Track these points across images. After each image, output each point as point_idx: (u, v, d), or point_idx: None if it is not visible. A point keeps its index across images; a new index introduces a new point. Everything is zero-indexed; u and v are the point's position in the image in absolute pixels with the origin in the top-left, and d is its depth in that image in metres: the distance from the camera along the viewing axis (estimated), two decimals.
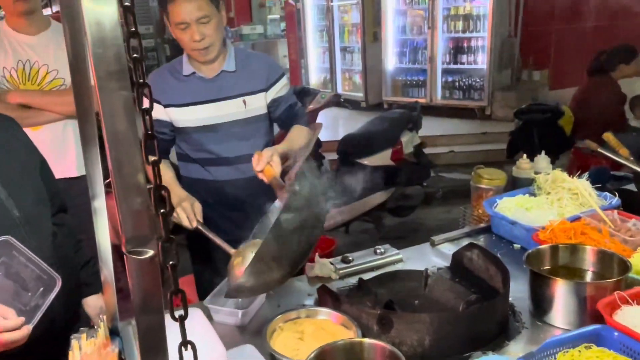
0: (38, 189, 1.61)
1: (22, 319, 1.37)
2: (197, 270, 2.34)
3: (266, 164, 1.80)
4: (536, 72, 8.03)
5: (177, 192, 2.02)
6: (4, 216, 1.47)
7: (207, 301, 1.68)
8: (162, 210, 0.60)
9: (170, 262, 0.59)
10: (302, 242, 1.47)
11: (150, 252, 0.70)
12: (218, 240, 1.75)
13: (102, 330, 1.48)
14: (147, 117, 0.59)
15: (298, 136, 2.17)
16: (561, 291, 1.52)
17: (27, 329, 1.37)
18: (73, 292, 1.64)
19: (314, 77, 10.01)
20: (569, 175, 2.20)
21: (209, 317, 1.66)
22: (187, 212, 1.88)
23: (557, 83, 7.65)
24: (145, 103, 0.64)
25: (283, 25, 9.56)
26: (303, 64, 9.74)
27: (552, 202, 2.14)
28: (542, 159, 2.42)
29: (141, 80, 0.57)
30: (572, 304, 1.51)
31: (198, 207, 1.92)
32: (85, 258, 1.77)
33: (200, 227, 1.85)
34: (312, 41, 9.83)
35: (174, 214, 1.93)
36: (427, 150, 5.15)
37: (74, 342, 1.43)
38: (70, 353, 1.41)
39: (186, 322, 1.32)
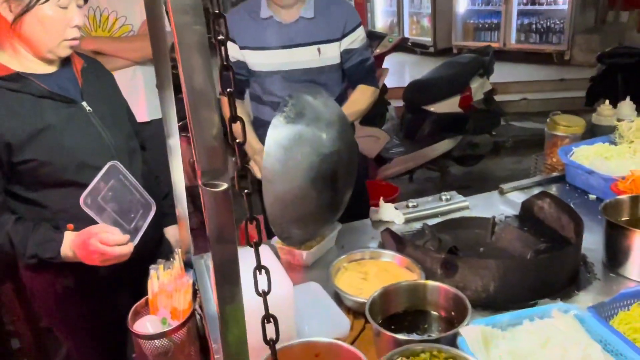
0: (127, 126, 1.77)
1: (128, 236, 1.55)
2: (266, 211, 2.42)
3: None
4: (624, 13, 7.35)
5: (252, 144, 2.07)
6: (104, 148, 1.62)
7: (274, 240, 1.74)
8: (237, 141, 0.61)
9: (245, 191, 0.61)
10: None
11: (224, 185, 0.72)
12: None
13: (177, 262, 1.57)
14: (222, 48, 0.60)
15: (358, 100, 2.13)
16: (639, 243, 1.45)
17: (131, 247, 1.54)
18: (158, 220, 1.78)
19: (381, 20, 9.69)
20: None
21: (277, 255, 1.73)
22: (260, 165, 1.94)
23: None
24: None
25: None
26: (369, 7, 9.44)
27: (634, 151, 2.01)
28: (626, 105, 2.25)
29: (217, 11, 0.57)
30: None
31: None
32: (165, 191, 1.90)
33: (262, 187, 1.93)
34: None
35: (250, 164, 2.01)
36: (498, 98, 4.92)
37: (152, 272, 1.53)
38: (149, 282, 1.51)
39: (255, 257, 1.38)
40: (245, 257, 1.37)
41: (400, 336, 1.13)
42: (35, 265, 1.57)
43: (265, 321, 0.68)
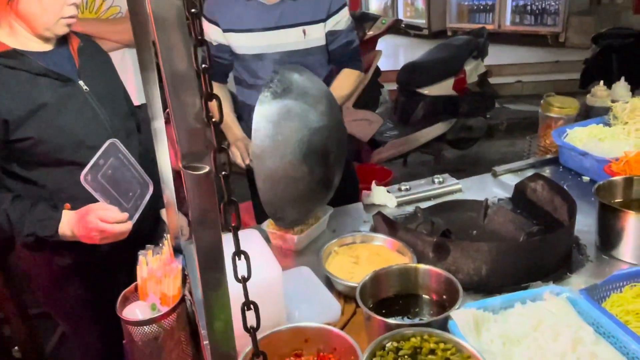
0: (124, 106, 1.77)
1: (127, 214, 1.54)
2: (255, 197, 2.39)
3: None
4: None
5: (234, 131, 2.05)
6: (101, 128, 1.60)
7: (265, 225, 1.72)
8: (213, 120, 0.58)
9: (223, 173, 0.59)
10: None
11: (206, 168, 0.70)
12: None
13: (166, 248, 1.55)
14: (197, 22, 0.57)
15: (343, 85, 2.09)
16: (632, 225, 1.44)
17: (130, 225, 1.54)
18: (155, 201, 1.77)
19: (375, 2, 9.58)
20: None
21: (267, 240, 1.71)
22: (241, 151, 1.94)
23: None
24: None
25: None
26: None
27: (629, 132, 1.99)
28: (621, 86, 2.23)
29: None
30: None
31: (247, 152, 1.96)
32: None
33: (252, 165, 1.91)
34: None
35: (230, 152, 1.99)
36: (492, 80, 4.89)
37: (141, 258, 1.51)
38: (137, 267, 1.49)
39: (243, 242, 1.36)
40: (231, 243, 1.36)
41: (391, 320, 1.12)
42: (32, 244, 1.57)
43: (245, 308, 0.65)
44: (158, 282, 1.47)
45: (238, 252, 0.62)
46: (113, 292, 1.50)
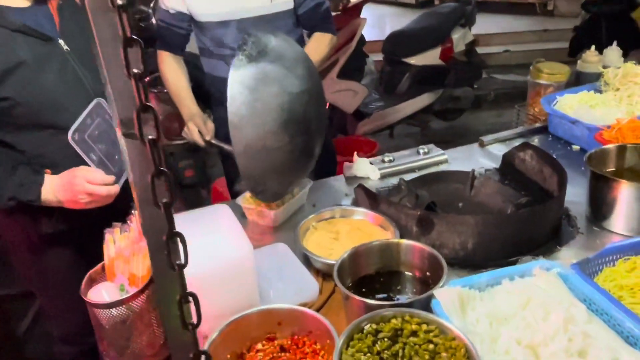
0: None
1: (113, 177, 1.49)
2: (228, 171, 2.29)
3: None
4: None
5: (188, 106, 1.92)
6: (82, 90, 1.54)
7: (240, 200, 1.62)
8: (150, 137, 0.48)
9: (149, 137, 0.49)
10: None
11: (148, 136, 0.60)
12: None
13: (134, 225, 1.46)
14: (125, 17, 0.47)
15: (315, 50, 1.95)
16: (625, 194, 1.37)
17: (117, 188, 1.50)
18: None
19: None
20: None
21: (243, 217, 1.62)
22: (199, 127, 1.84)
23: None
24: None
25: None
26: None
27: (620, 99, 1.92)
28: (613, 51, 2.15)
29: None
30: (637, 208, 1.36)
31: (210, 125, 1.87)
32: None
33: (213, 142, 1.82)
34: None
35: (185, 129, 1.89)
36: (479, 50, 4.77)
37: (107, 236, 1.42)
38: (104, 246, 1.40)
39: (211, 219, 1.27)
40: (201, 219, 1.26)
41: (370, 301, 1.04)
42: (12, 211, 1.52)
43: (182, 301, 0.56)
44: (126, 261, 1.38)
45: (171, 234, 0.52)
46: (93, 264, 1.43)
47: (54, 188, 1.45)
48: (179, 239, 0.51)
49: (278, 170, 1.47)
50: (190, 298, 0.54)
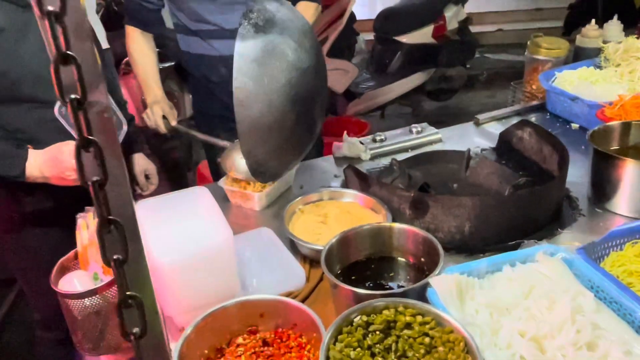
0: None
1: None
2: (209, 155, 2.19)
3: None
4: None
5: (153, 90, 1.80)
6: None
7: (222, 182, 1.53)
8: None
9: (71, 96, 0.38)
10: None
11: (102, 104, 0.50)
12: (202, 136, 1.68)
13: None
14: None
15: None
16: (630, 174, 1.29)
17: None
18: (126, 144, 1.67)
19: None
20: None
21: (225, 200, 1.53)
22: (165, 112, 1.73)
23: None
24: None
25: None
26: None
27: (622, 74, 1.84)
28: (614, 25, 2.06)
29: None
30: None
31: (173, 113, 1.76)
32: (129, 117, 1.73)
33: (180, 128, 1.74)
34: None
35: (146, 113, 1.78)
36: (472, 29, 4.66)
37: (80, 222, 1.32)
38: (76, 233, 1.30)
39: (189, 202, 1.18)
40: (177, 203, 1.17)
41: (360, 290, 0.96)
42: None
43: (122, 306, 0.46)
44: None
45: (104, 222, 0.42)
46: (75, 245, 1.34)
47: (39, 163, 1.37)
48: (114, 227, 0.41)
49: (282, 149, 1.36)
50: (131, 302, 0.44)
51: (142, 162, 1.81)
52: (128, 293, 0.44)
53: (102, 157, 0.39)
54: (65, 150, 1.35)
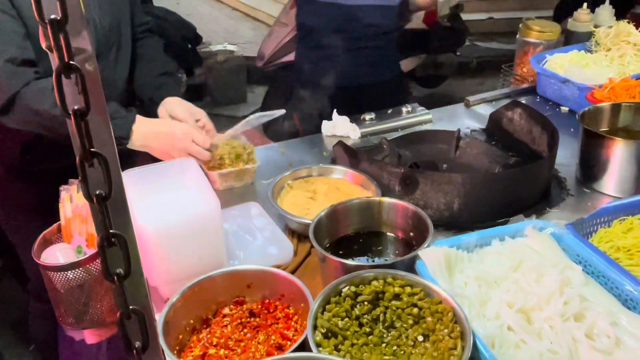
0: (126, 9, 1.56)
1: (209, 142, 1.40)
2: None
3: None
4: None
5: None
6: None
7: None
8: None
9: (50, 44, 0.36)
10: None
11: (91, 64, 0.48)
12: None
13: None
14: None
15: None
16: (619, 154, 1.29)
17: (209, 155, 1.40)
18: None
19: None
20: None
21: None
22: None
23: None
24: None
25: None
26: None
27: (612, 58, 1.84)
28: (605, 10, 2.06)
29: None
30: (631, 169, 1.29)
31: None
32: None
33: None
34: None
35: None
36: (463, 16, 4.64)
37: (63, 194, 1.29)
38: (60, 205, 1.27)
39: (177, 173, 1.15)
40: (165, 173, 1.15)
41: (349, 261, 0.95)
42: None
43: (124, 318, 0.43)
44: (84, 221, 1.26)
45: (108, 236, 0.38)
46: None
47: (146, 132, 1.34)
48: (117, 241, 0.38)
49: None
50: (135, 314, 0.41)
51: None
52: (132, 308, 0.41)
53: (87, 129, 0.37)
54: (184, 131, 1.35)
